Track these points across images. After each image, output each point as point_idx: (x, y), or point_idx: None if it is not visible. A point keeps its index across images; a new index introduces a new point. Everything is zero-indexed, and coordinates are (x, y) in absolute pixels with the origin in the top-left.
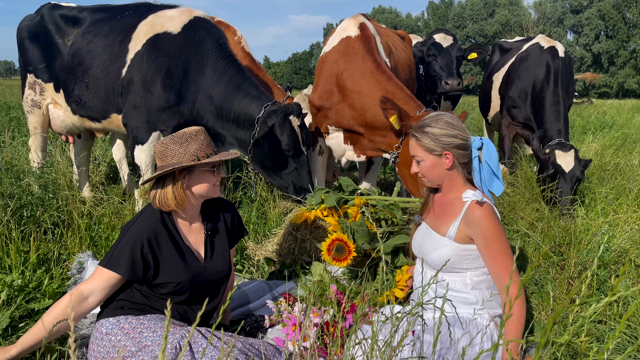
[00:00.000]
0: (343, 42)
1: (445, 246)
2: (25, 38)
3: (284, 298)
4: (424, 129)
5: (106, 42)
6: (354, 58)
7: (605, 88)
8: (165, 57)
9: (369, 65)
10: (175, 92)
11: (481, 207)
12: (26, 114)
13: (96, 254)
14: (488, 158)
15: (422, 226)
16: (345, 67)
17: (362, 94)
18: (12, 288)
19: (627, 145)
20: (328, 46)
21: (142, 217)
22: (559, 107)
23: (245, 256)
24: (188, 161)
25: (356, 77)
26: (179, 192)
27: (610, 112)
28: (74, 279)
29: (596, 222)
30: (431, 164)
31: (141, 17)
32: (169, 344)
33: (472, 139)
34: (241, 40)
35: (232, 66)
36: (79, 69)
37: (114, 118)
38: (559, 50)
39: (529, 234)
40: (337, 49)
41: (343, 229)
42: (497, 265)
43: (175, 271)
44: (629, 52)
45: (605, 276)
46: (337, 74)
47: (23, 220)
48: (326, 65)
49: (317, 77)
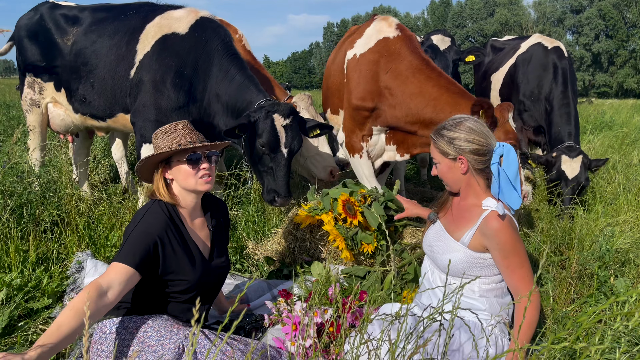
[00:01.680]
0: (381, 43)
1: (458, 251)
2: (24, 37)
3: (281, 296)
4: (441, 131)
5: (112, 43)
6: (399, 57)
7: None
8: (175, 58)
9: (416, 62)
10: (185, 91)
11: (499, 219)
12: (25, 113)
13: (95, 253)
14: (506, 167)
15: (437, 225)
16: (389, 66)
17: (414, 92)
18: (11, 287)
19: (627, 144)
20: (359, 48)
21: (151, 211)
22: (569, 109)
23: (244, 255)
24: (159, 152)
25: (405, 76)
26: (161, 184)
27: (609, 111)
28: (73, 278)
29: (597, 222)
30: (446, 167)
31: (147, 17)
32: (172, 345)
33: (497, 145)
34: (242, 39)
35: (236, 63)
36: (83, 68)
37: (120, 117)
38: (564, 50)
39: (529, 233)
40: (376, 50)
41: (343, 234)
42: (515, 277)
43: (186, 266)
44: (628, 51)
45: (606, 276)
46: (381, 74)
47: (23, 219)
48: (364, 66)
49: (353, 80)
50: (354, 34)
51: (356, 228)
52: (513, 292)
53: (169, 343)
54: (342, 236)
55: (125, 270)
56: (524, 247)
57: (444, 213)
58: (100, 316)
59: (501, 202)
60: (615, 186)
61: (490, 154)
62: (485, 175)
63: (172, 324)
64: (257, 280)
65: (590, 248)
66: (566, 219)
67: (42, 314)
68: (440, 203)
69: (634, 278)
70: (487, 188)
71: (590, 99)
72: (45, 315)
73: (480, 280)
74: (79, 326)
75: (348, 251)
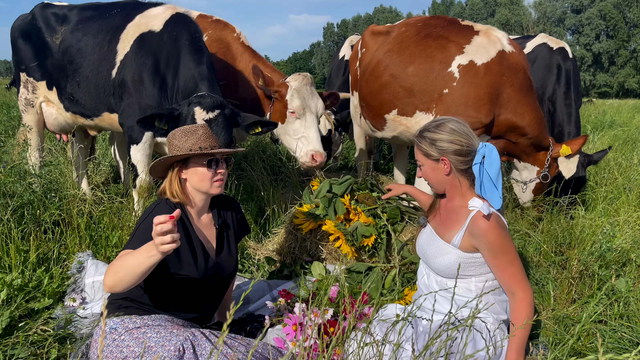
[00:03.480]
0: (500, 55)
1: (450, 253)
2: (18, 37)
3: (282, 297)
4: (424, 133)
5: (95, 42)
6: (517, 73)
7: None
8: (150, 55)
9: (527, 82)
10: (159, 88)
11: (486, 219)
12: (21, 113)
13: (96, 253)
14: (489, 167)
15: (427, 229)
16: (511, 80)
17: (528, 108)
18: (12, 287)
19: (628, 144)
20: (479, 57)
21: (160, 206)
22: (571, 110)
23: (245, 255)
24: (180, 153)
25: (524, 92)
26: (176, 183)
27: (610, 111)
28: (73, 278)
29: (597, 221)
30: (430, 168)
31: (129, 16)
32: (172, 346)
33: (479, 145)
34: (240, 36)
35: (196, 57)
36: (69, 67)
37: (106, 116)
38: (569, 50)
39: (530, 233)
40: (497, 61)
41: (343, 231)
42: (507, 275)
43: (189, 263)
44: (629, 51)
45: (607, 276)
46: (503, 87)
47: (24, 219)
48: (489, 77)
49: (480, 89)
50: (441, 38)
51: (356, 223)
52: (506, 290)
53: (169, 345)
54: (341, 232)
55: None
56: (513, 245)
57: (433, 216)
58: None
59: (486, 201)
60: (616, 186)
61: (473, 154)
62: (468, 175)
63: (172, 325)
64: (258, 280)
65: (591, 247)
66: (562, 218)
67: (42, 314)
68: (428, 206)
69: (635, 278)
70: (472, 188)
71: (591, 99)
72: (45, 316)
73: (475, 279)
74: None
75: (349, 246)
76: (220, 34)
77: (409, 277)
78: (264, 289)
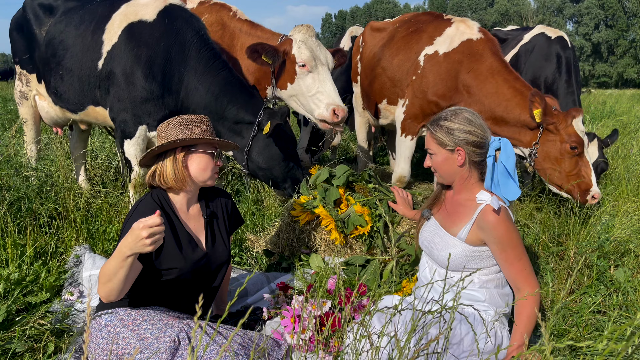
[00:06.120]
0: (465, 44)
1: (455, 246)
2: (13, 30)
3: (280, 289)
4: (439, 122)
5: (77, 33)
6: (481, 59)
7: (604, 77)
8: (144, 47)
9: (496, 65)
10: (158, 82)
11: (496, 213)
12: (17, 106)
13: (93, 247)
14: (505, 159)
15: (432, 222)
16: (471, 66)
17: (491, 92)
18: (9, 281)
19: (627, 134)
20: (443, 47)
21: (144, 202)
22: (574, 97)
23: (243, 248)
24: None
25: (484, 76)
26: (179, 168)
27: (609, 101)
28: (71, 272)
29: (596, 212)
30: (443, 158)
31: (114, 6)
32: (167, 338)
33: (492, 139)
34: (237, 13)
35: (218, 60)
36: (52, 60)
37: (91, 110)
38: (568, 40)
39: (528, 224)
40: (460, 50)
41: (334, 217)
42: (514, 270)
43: (177, 257)
44: (628, 41)
45: (605, 266)
46: (463, 73)
47: (20, 213)
48: (446, 64)
49: (432, 76)
50: (421, 32)
51: (348, 210)
52: (512, 284)
53: (164, 336)
54: (332, 217)
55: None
56: (521, 239)
57: (438, 209)
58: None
59: (495, 195)
60: (615, 175)
61: (487, 147)
62: (480, 168)
63: (167, 316)
64: (256, 273)
65: (589, 237)
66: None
67: (40, 308)
68: (432, 199)
69: (634, 268)
70: (480, 181)
71: (589, 89)
72: (43, 310)
73: (479, 272)
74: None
75: (338, 233)
76: (217, 16)
77: (406, 269)
78: (262, 282)
